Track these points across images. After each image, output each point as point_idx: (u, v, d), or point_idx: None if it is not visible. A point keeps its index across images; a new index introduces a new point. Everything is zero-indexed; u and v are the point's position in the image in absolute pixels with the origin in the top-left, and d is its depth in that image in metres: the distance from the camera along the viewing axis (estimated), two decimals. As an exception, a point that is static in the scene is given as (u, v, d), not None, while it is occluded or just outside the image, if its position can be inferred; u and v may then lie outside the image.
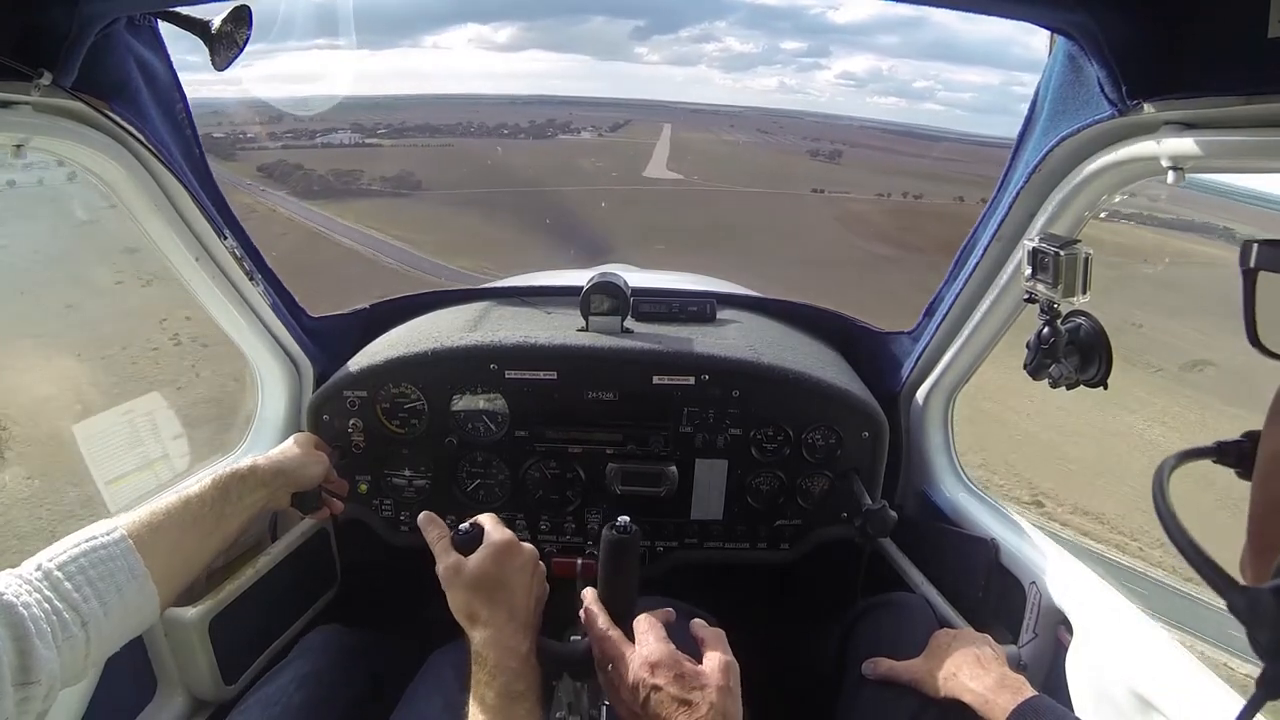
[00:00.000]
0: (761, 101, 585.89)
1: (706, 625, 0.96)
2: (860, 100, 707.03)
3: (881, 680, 1.13)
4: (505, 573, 0.93)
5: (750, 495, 1.55)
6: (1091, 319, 1.06)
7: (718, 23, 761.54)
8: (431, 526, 0.99)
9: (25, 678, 0.73)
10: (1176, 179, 0.91)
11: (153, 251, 1.33)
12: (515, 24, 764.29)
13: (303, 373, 1.63)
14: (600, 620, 0.93)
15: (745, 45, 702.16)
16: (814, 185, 56.91)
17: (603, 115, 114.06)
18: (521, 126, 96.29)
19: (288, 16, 1.01)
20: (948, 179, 57.46)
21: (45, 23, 0.92)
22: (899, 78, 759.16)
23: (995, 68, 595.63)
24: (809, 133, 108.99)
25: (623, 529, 0.94)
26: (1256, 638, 0.41)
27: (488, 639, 0.88)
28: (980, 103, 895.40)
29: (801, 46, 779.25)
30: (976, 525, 1.46)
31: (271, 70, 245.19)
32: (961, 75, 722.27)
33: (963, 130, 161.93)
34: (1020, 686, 1.00)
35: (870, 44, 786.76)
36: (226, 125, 59.86)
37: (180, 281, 1.39)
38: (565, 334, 1.53)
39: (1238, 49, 0.77)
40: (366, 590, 1.68)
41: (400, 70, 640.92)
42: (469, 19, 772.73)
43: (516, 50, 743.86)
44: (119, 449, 1.72)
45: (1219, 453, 0.55)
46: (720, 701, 0.82)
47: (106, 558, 0.87)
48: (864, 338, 1.78)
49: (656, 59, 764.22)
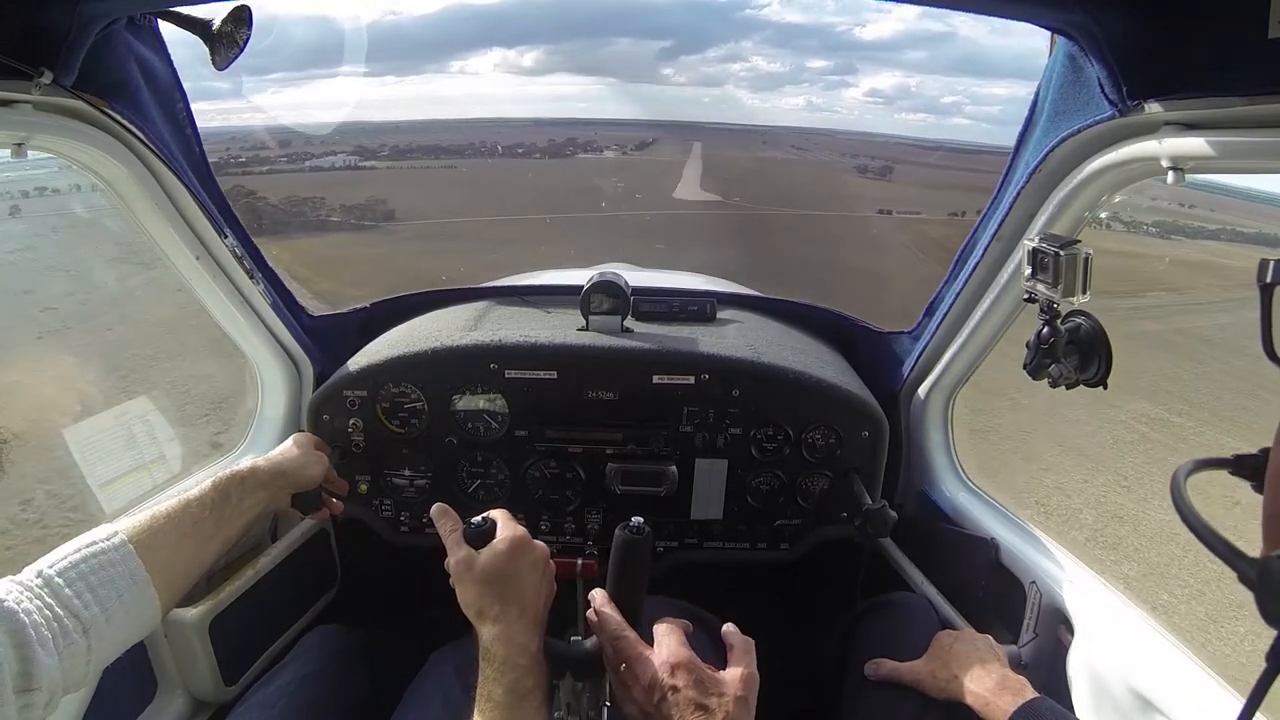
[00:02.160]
0: (790, 120, 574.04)
1: (738, 633, 0.95)
2: (889, 117, 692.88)
3: (883, 681, 1.14)
4: (518, 568, 0.91)
5: (750, 495, 1.55)
6: (1091, 319, 1.06)
7: (744, 43, 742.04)
8: (444, 519, 0.97)
9: (27, 684, 0.73)
10: (1177, 179, 0.91)
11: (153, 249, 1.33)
12: (541, 48, 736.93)
13: (303, 372, 1.63)
14: (613, 621, 0.92)
15: (772, 65, 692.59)
16: (880, 206, 46.20)
17: (627, 135, 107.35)
18: (539, 146, 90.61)
19: (318, 43, 1.00)
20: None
21: (45, 22, 0.92)
22: (927, 93, 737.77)
23: (1022, 79, 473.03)
24: (846, 149, 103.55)
25: (636, 530, 0.93)
26: (1266, 607, 0.42)
27: (498, 635, 0.87)
28: (1008, 115, 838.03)
29: (828, 65, 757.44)
30: (976, 525, 1.46)
31: (297, 98, 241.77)
32: (989, 89, 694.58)
33: (996, 144, 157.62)
34: (1021, 688, 1.01)
35: (897, 60, 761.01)
36: (235, 149, 56.81)
37: (181, 280, 1.40)
38: (565, 333, 1.53)
39: (1238, 49, 0.77)
40: (366, 590, 1.68)
41: (426, 96, 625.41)
42: (495, 44, 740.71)
43: (543, 74, 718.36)
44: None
45: (1236, 464, 0.56)
46: (736, 711, 0.82)
47: (107, 563, 0.87)
48: (864, 337, 1.78)
49: (683, 80, 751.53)
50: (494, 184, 55.54)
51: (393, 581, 1.65)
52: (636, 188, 57.26)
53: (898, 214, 43.04)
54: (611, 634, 0.91)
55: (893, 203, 46.86)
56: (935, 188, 53.78)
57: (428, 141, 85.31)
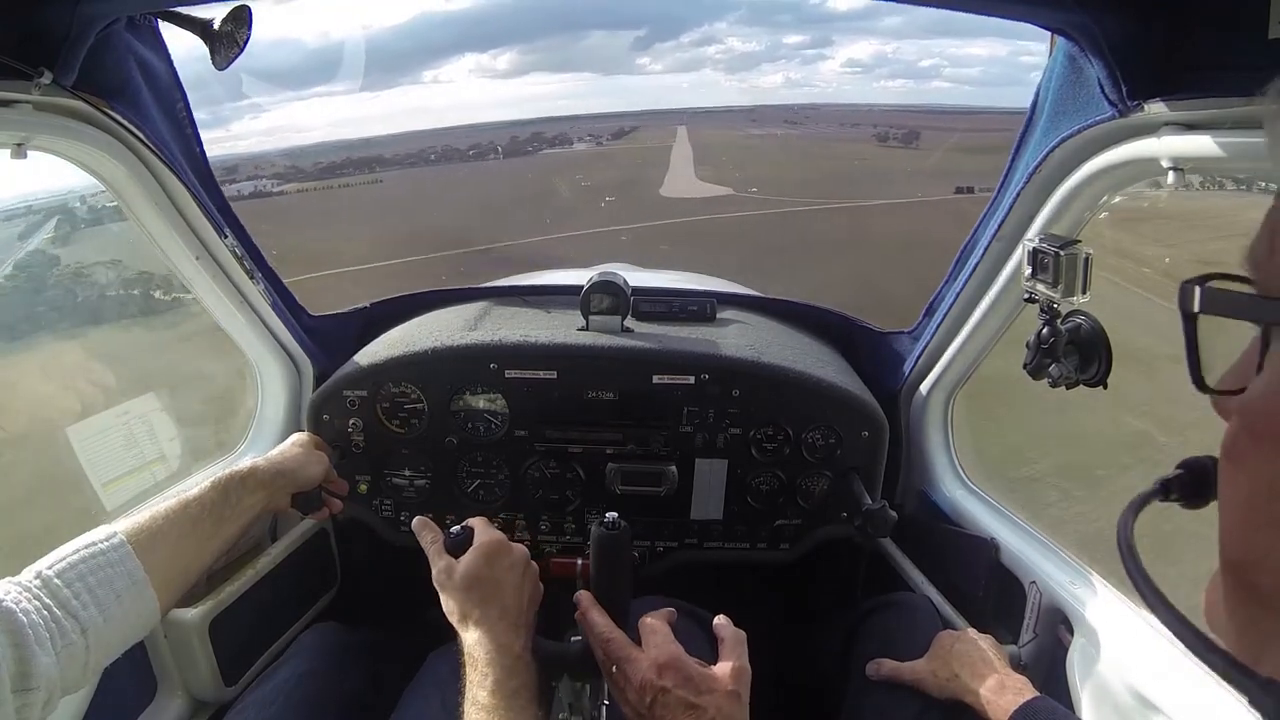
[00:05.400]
0: (770, 99, 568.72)
1: (729, 625, 0.96)
2: (868, 85, 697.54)
3: (885, 681, 1.14)
4: (495, 572, 0.94)
5: (750, 495, 1.55)
6: (1091, 319, 1.06)
7: (718, 24, 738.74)
8: (425, 531, 1.01)
9: (24, 684, 0.73)
10: (1177, 179, 0.91)
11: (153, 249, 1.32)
12: (514, 48, 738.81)
13: (303, 372, 1.63)
14: (600, 623, 0.93)
15: (748, 44, 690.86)
16: (958, 184, 31.95)
17: (604, 126, 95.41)
18: (498, 145, 78.72)
19: (290, 65, 0.99)
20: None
21: (45, 22, 0.92)
22: (904, 59, 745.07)
23: (1001, 38, 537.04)
24: (844, 119, 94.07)
25: (612, 525, 0.94)
26: None
27: (479, 638, 0.88)
28: (989, 76, 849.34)
29: (804, 39, 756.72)
30: (976, 525, 1.46)
31: (272, 123, 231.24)
32: (967, 49, 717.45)
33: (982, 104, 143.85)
34: (1022, 688, 1.01)
35: (873, 28, 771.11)
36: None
37: (181, 280, 1.40)
38: (565, 333, 1.53)
39: (1238, 50, 0.78)
40: (366, 590, 1.68)
41: (403, 109, 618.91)
42: (467, 49, 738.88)
43: (518, 75, 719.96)
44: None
45: (1164, 490, 0.52)
46: (728, 706, 0.82)
47: (105, 564, 0.87)
48: (864, 337, 1.78)
49: (659, 68, 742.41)
50: (412, 204, 40.00)
51: (393, 581, 1.65)
52: (609, 186, 41.83)
53: (979, 191, 24.21)
54: (600, 636, 0.91)
55: (966, 176, 32.28)
56: (976, 151, 40.89)
57: (372, 154, 74.27)
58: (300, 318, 1.63)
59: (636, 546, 1.57)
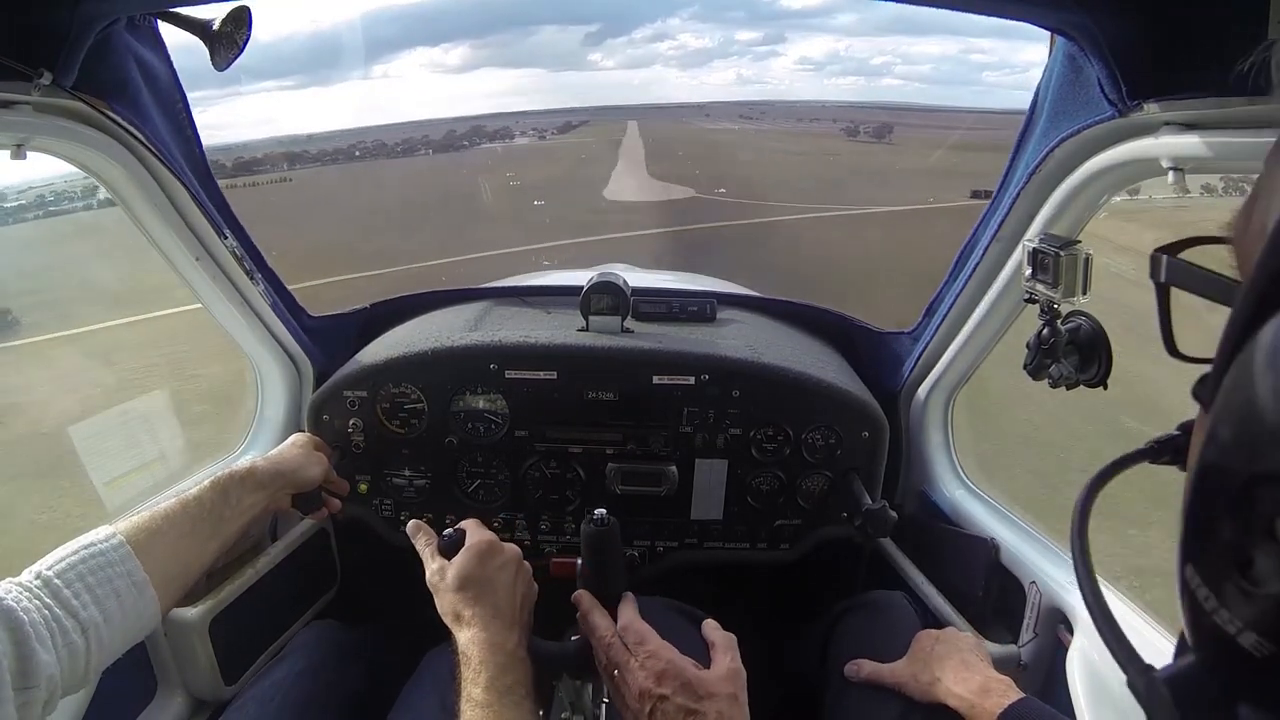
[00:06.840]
0: (722, 95, 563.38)
1: (719, 629, 0.96)
2: (819, 83, 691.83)
3: (865, 683, 1.12)
4: (487, 572, 0.95)
5: (750, 495, 1.55)
6: (1091, 319, 1.06)
7: (671, 20, 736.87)
8: (419, 534, 1.02)
9: (25, 682, 0.73)
10: (1177, 180, 0.91)
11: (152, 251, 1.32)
12: (465, 43, 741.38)
13: (303, 372, 1.64)
14: (602, 625, 0.93)
15: (700, 40, 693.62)
16: (974, 187, 24.81)
17: (550, 120, 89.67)
18: (432, 140, 72.52)
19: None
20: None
21: (45, 23, 0.92)
22: (856, 56, 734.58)
23: (953, 35, 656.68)
24: (800, 115, 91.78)
25: (600, 521, 0.94)
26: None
27: (472, 637, 0.89)
28: (940, 74, 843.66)
29: (757, 36, 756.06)
30: (976, 525, 1.46)
31: (216, 119, 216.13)
32: (919, 47, 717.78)
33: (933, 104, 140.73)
34: (1007, 689, 0.98)
35: (826, 25, 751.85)
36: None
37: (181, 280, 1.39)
38: (565, 334, 1.53)
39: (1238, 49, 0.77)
40: (366, 590, 1.68)
41: (355, 104, 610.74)
42: (417, 43, 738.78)
43: (469, 70, 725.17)
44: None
45: (1154, 453, 0.50)
46: (728, 710, 0.82)
47: (105, 564, 0.87)
48: (864, 337, 1.78)
49: (611, 64, 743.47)
50: (306, 209, 32.37)
51: (392, 581, 1.64)
52: (543, 187, 33.82)
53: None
54: (601, 640, 0.91)
55: (978, 179, 23.85)
56: (989, 150, 29.53)
57: (288, 150, 68.66)
58: (300, 318, 1.63)
59: (636, 547, 1.57)
